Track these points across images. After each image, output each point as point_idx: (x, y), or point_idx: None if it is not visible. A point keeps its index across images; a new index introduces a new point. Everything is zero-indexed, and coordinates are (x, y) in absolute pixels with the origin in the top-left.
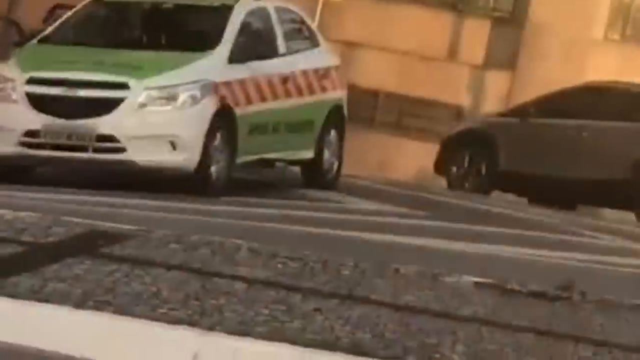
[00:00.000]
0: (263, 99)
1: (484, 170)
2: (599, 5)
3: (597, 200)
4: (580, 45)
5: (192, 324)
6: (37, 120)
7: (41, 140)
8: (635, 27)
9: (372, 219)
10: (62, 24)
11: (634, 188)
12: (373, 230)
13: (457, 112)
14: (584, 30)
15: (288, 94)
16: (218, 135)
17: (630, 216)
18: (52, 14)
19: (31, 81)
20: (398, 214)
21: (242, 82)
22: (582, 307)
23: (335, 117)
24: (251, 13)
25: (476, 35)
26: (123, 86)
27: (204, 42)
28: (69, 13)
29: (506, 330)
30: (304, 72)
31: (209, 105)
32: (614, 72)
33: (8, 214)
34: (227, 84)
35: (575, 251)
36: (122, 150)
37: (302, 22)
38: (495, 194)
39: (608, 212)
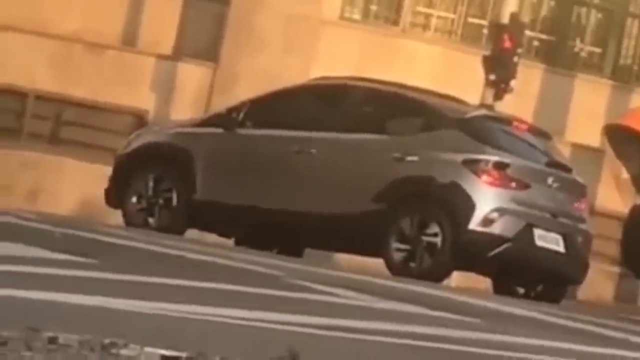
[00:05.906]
0: None
1: (175, 201)
2: None
3: (332, 244)
4: (308, 27)
5: None
6: None
7: None
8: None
9: (21, 270)
10: None
11: (379, 225)
12: (21, 286)
13: (139, 119)
14: (310, 6)
15: None
16: None
17: (378, 263)
18: None
19: None
20: (57, 263)
21: None
22: None
23: None
24: None
25: (163, 15)
26: None
27: None
28: None
29: None
30: None
31: None
32: (353, 63)
33: None
34: None
35: (301, 313)
36: None
37: None
38: (193, 232)
39: (347, 259)
